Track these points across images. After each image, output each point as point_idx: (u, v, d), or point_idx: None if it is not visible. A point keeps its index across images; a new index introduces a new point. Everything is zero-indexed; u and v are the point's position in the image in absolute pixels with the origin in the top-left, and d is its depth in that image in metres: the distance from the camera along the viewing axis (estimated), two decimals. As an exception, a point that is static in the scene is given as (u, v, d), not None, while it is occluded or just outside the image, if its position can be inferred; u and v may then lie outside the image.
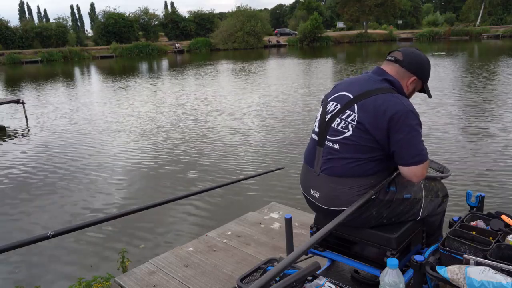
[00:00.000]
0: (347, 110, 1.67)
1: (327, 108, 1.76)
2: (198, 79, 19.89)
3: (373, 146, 1.62)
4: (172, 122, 10.18)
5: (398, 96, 1.63)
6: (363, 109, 1.62)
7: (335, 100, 1.75)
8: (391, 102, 1.60)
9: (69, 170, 6.83)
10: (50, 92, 17.70)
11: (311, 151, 1.80)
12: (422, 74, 1.75)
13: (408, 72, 1.72)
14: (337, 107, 1.71)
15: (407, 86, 1.74)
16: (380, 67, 1.76)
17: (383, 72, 1.73)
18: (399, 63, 1.72)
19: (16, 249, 1.35)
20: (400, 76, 1.72)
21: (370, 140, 1.61)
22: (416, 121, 1.61)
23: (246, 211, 3.62)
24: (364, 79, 1.73)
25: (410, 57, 1.72)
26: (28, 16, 73.52)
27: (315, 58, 29.81)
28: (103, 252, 4.17)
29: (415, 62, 1.73)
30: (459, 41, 43.02)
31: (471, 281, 1.31)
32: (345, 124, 1.66)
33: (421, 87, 1.79)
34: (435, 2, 76.09)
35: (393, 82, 1.69)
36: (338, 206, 1.68)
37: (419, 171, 1.63)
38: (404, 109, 1.58)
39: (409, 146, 1.60)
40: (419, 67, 1.73)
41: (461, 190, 4.78)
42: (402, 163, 1.64)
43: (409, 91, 1.76)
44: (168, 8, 74.75)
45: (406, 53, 1.74)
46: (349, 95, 1.69)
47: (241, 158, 7.01)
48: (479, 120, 8.64)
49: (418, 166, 1.62)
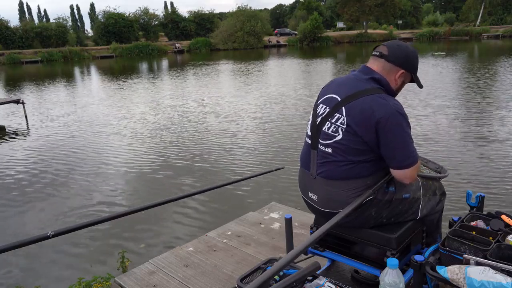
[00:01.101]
0: (335, 113, 1.66)
1: (317, 111, 1.75)
2: (198, 80, 19.89)
3: (364, 149, 1.61)
4: (171, 122, 10.18)
5: (385, 97, 1.61)
6: (351, 111, 1.61)
7: (324, 102, 1.74)
8: (378, 104, 1.58)
9: (69, 170, 6.82)
10: (50, 92, 17.69)
11: (306, 154, 1.80)
12: (410, 66, 1.72)
13: (395, 66, 1.68)
14: (326, 110, 1.70)
15: (395, 80, 1.71)
16: (366, 65, 1.73)
17: (369, 70, 1.70)
18: (384, 58, 1.68)
19: (16, 249, 1.35)
20: (387, 71, 1.69)
21: (360, 142, 1.60)
22: (404, 122, 1.59)
23: (246, 211, 3.62)
24: (350, 80, 1.71)
25: (395, 51, 1.69)
26: (28, 16, 73.56)
27: (315, 58, 29.81)
28: (103, 252, 4.16)
29: (401, 55, 1.69)
30: (459, 41, 43.02)
31: (471, 281, 1.31)
32: (335, 128, 1.65)
33: (411, 79, 1.76)
34: (435, 2, 76.07)
35: (380, 81, 1.66)
36: (336, 208, 1.67)
37: (410, 173, 1.63)
38: (390, 111, 1.56)
39: (398, 148, 1.59)
40: (405, 60, 1.70)
41: (461, 190, 4.78)
42: (393, 166, 1.63)
43: (398, 85, 1.73)
44: (168, 8, 74.76)
45: (391, 46, 1.70)
46: (336, 98, 1.68)
47: (241, 158, 7.01)
48: (479, 120, 8.63)
49: (409, 169, 1.61)
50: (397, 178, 1.66)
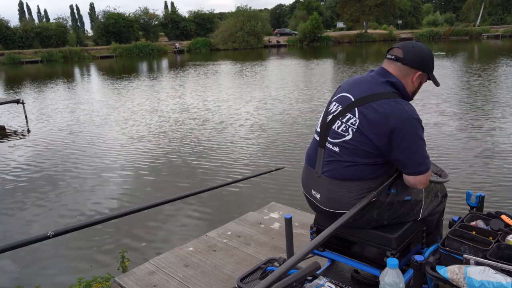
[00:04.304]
0: (347, 113, 1.65)
1: (329, 109, 1.74)
2: (198, 80, 19.88)
3: (373, 152, 1.61)
4: (171, 122, 10.17)
5: (401, 102, 1.59)
6: (365, 114, 1.59)
7: (337, 101, 1.72)
8: (394, 109, 1.56)
9: (69, 170, 6.82)
10: (50, 92, 17.69)
11: (313, 152, 1.79)
12: (426, 67, 1.69)
13: (411, 68, 1.66)
14: (338, 108, 1.69)
15: (413, 82, 1.69)
16: (383, 67, 1.70)
17: (386, 73, 1.68)
18: (400, 61, 1.66)
19: (16, 249, 1.35)
20: (404, 74, 1.67)
21: (370, 145, 1.59)
22: (420, 128, 1.59)
23: (246, 211, 3.62)
24: (367, 81, 1.69)
25: (410, 53, 1.66)
26: (28, 16, 73.44)
27: (315, 58, 29.80)
28: (103, 252, 4.16)
29: (417, 57, 1.66)
30: (459, 41, 43.02)
31: (471, 281, 1.31)
32: (345, 127, 1.64)
33: (427, 78, 1.75)
34: (435, 2, 76.06)
35: (397, 85, 1.65)
36: (338, 208, 1.67)
37: (424, 179, 1.63)
38: (408, 117, 1.55)
39: (413, 154, 1.59)
40: (421, 61, 1.67)
41: (461, 190, 4.78)
42: (408, 172, 1.63)
43: (415, 87, 1.72)
44: (168, 8, 74.66)
45: (406, 49, 1.67)
46: (350, 97, 1.67)
47: (241, 158, 7.01)
48: (479, 120, 8.63)
49: (423, 175, 1.62)
50: (410, 184, 1.66)
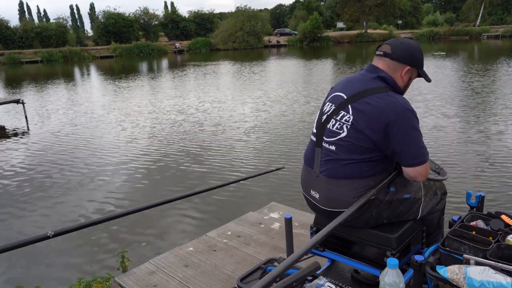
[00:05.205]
0: (341, 111, 1.66)
1: (324, 109, 1.76)
2: (198, 80, 19.88)
3: (370, 147, 1.61)
4: (171, 122, 10.18)
5: (394, 95, 1.61)
6: (358, 109, 1.61)
7: (330, 101, 1.75)
8: (388, 102, 1.58)
9: (69, 170, 6.82)
10: (50, 92, 17.70)
11: (310, 152, 1.80)
12: (415, 62, 1.71)
13: (400, 63, 1.68)
14: (332, 107, 1.71)
15: (402, 78, 1.70)
16: (372, 64, 1.73)
17: (375, 69, 1.70)
18: (388, 57, 1.68)
19: (16, 249, 1.35)
20: (392, 69, 1.69)
21: (366, 140, 1.60)
22: (415, 119, 1.60)
23: (246, 211, 3.62)
24: (358, 79, 1.71)
25: (398, 48, 1.69)
26: (28, 16, 73.40)
27: (315, 58, 29.80)
28: (103, 252, 4.16)
29: (404, 52, 1.69)
30: (459, 41, 43.02)
31: (471, 281, 1.31)
32: (339, 125, 1.65)
33: (417, 74, 1.76)
34: (435, 2, 76.04)
35: (387, 79, 1.66)
36: (337, 207, 1.68)
37: (424, 171, 1.63)
38: (402, 109, 1.57)
39: (410, 146, 1.59)
40: (409, 56, 1.69)
41: (461, 190, 4.78)
42: (406, 164, 1.63)
43: (405, 82, 1.73)
44: (168, 8, 74.65)
45: (394, 44, 1.70)
46: (343, 96, 1.68)
47: (241, 158, 7.01)
48: (479, 120, 8.64)
49: (422, 166, 1.62)
50: (410, 176, 1.66)
